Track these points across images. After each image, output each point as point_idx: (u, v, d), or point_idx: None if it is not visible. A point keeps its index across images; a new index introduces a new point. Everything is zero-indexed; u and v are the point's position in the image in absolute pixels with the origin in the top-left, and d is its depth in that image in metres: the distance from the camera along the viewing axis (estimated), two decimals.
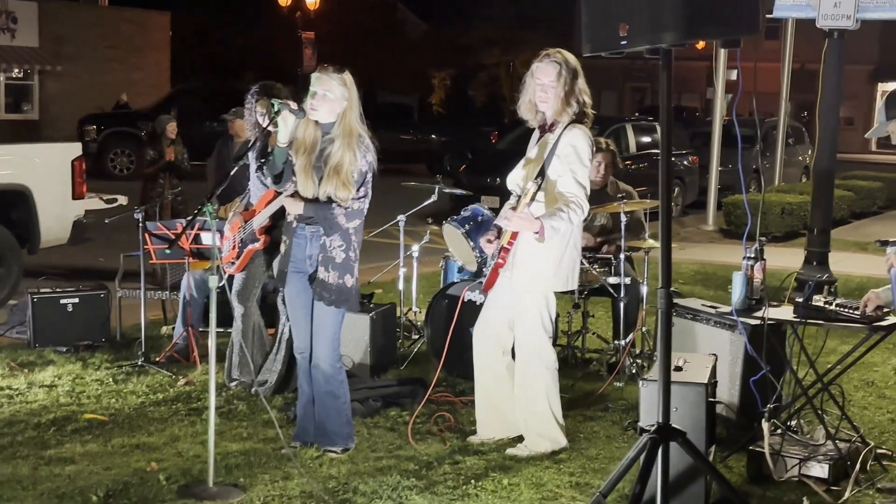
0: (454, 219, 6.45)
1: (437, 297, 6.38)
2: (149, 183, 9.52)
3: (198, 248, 6.43)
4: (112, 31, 27.66)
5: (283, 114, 4.52)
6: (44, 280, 7.22)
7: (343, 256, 4.65)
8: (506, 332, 4.95)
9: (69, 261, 9.84)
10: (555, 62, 4.73)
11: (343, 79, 4.62)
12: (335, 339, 4.74)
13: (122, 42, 27.79)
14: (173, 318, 7.36)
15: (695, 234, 13.49)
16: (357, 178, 4.59)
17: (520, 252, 4.71)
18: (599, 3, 3.31)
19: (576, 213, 4.59)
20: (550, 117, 4.80)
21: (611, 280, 6.17)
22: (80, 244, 9.16)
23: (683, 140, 17.42)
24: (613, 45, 3.24)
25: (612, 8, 3.25)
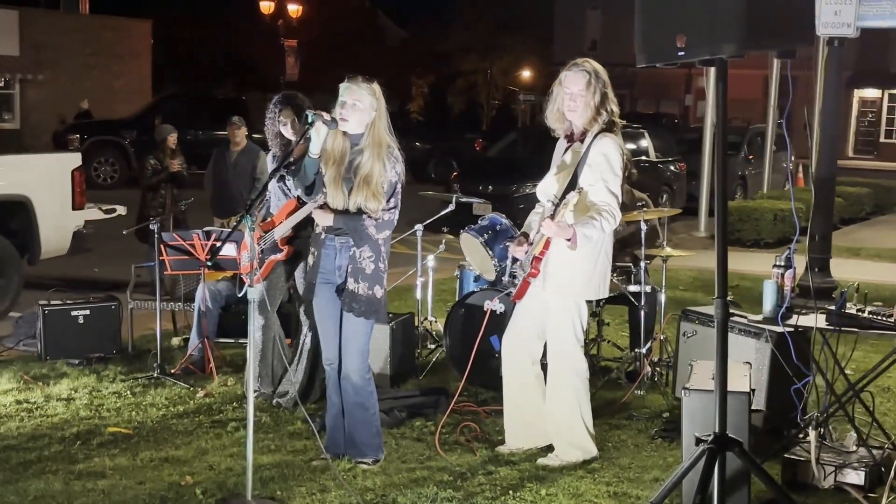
0: (472, 228, 6.47)
1: (456, 307, 6.37)
2: (149, 193, 9.43)
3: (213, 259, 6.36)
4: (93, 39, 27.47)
5: (316, 125, 4.49)
6: (54, 292, 7.12)
7: (373, 267, 4.63)
8: (535, 342, 4.95)
9: (64, 271, 9.73)
10: (584, 71, 4.73)
11: (372, 88, 4.62)
12: (365, 351, 4.73)
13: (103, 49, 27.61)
14: (183, 328, 7.33)
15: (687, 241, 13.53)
16: (387, 189, 4.58)
17: (552, 261, 4.71)
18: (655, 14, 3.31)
19: (608, 221, 4.59)
20: (579, 126, 4.80)
21: (631, 288, 6.17)
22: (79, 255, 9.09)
23: (671, 146, 17.53)
24: (670, 56, 3.25)
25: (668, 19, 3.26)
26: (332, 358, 4.78)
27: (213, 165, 9.57)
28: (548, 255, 4.70)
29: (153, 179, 9.27)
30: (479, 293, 6.30)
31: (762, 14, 3.11)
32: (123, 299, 7.03)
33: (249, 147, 9.49)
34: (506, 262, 6.27)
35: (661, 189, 16.23)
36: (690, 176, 17.28)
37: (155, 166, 9.31)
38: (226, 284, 6.80)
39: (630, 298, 6.22)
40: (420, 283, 6.97)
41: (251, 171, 9.30)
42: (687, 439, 4.07)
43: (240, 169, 9.32)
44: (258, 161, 9.37)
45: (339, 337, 4.72)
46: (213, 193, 9.45)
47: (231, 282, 6.77)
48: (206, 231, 6.40)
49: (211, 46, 33.73)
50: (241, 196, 9.24)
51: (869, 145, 40.32)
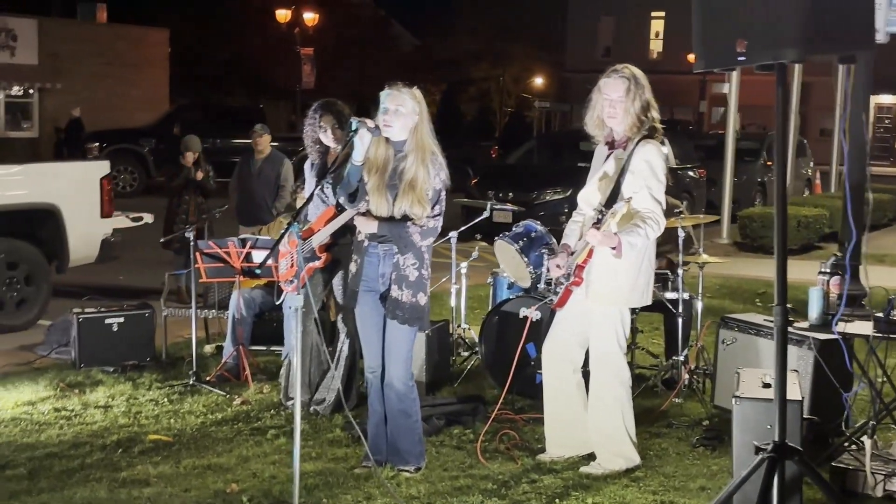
0: (507, 235, 6.45)
1: (491, 314, 6.36)
2: (174, 201, 9.44)
3: (248, 267, 6.38)
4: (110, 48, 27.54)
5: (360, 132, 4.49)
6: (87, 300, 7.14)
7: (416, 275, 4.62)
8: (577, 350, 4.92)
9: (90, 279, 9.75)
10: (623, 77, 4.70)
11: (413, 93, 4.63)
12: (408, 358, 4.72)
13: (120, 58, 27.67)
14: (215, 336, 7.33)
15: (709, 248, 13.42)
16: (432, 196, 4.58)
17: (595, 268, 4.68)
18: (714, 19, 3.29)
19: (652, 229, 4.57)
20: (620, 133, 4.78)
21: (668, 295, 6.14)
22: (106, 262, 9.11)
23: (688, 153, 17.47)
24: (730, 61, 3.23)
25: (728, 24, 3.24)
26: (374, 366, 4.77)
27: (238, 174, 9.58)
28: (591, 263, 4.67)
29: (175, 184, 9.28)
30: (513, 300, 6.28)
31: (824, 19, 3.08)
32: (157, 307, 7.03)
33: (273, 155, 9.50)
34: (541, 270, 6.28)
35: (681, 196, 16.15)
36: (709, 183, 17.25)
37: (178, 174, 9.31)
38: (260, 292, 6.79)
39: (667, 306, 6.17)
40: (454, 290, 6.96)
41: (275, 178, 9.31)
42: (738, 448, 4.04)
43: (264, 177, 9.33)
44: (282, 168, 9.38)
45: (382, 344, 4.71)
46: (238, 202, 9.46)
47: (265, 290, 6.77)
48: (241, 238, 6.40)
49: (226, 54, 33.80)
50: (265, 204, 9.25)
51: (885, 151, 40.19)
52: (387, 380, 4.72)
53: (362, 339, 4.86)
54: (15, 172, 8.43)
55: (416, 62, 41.58)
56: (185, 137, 9.61)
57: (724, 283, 10.62)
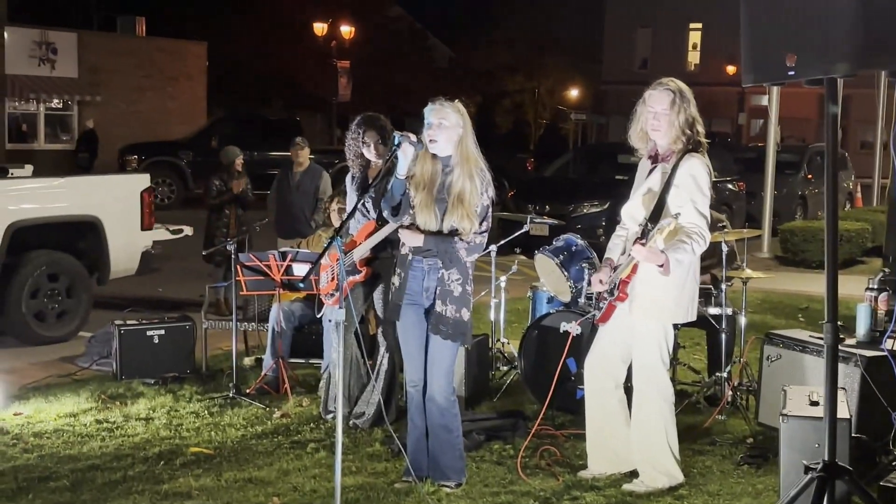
0: (547, 249, 6.44)
1: (530, 328, 6.35)
2: (213, 214, 9.52)
3: (288, 280, 6.42)
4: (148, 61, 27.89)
5: (403, 146, 4.52)
6: (128, 312, 7.21)
7: (461, 290, 4.64)
8: (619, 365, 4.90)
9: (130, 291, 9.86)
10: (668, 90, 4.69)
11: (456, 106, 4.66)
12: (450, 373, 4.73)
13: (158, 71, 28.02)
14: (255, 348, 7.38)
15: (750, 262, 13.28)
16: (480, 212, 4.60)
17: (639, 283, 4.66)
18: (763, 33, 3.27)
19: (698, 244, 4.54)
20: (664, 146, 4.75)
21: (711, 311, 6.10)
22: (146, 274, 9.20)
23: (728, 165, 17.35)
24: (780, 75, 3.20)
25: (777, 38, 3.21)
26: (416, 380, 4.78)
27: (277, 186, 9.66)
28: (635, 279, 4.65)
29: (217, 200, 9.36)
30: (554, 315, 6.27)
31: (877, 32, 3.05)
32: (197, 319, 7.09)
33: (312, 168, 9.57)
34: (581, 284, 6.26)
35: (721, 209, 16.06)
36: (749, 196, 17.11)
37: (220, 187, 9.39)
38: (300, 305, 6.83)
39: (710, 321, 6.13)
40: (493, 303, 6.95)
41: (314, 191, 9.37)
42: (786, 467, 3.99)
43: (303, 190, 9.40)
44: (321, 181, 9.45)
45: (424, 359, 4.73)
46: (277, 214, 9.54)
47: (305, 303, 6.80)
48: (282, 252, 6.44)
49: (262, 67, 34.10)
50: (304, 217, 9.32)
51: None
52: (428, 394, 4.73)
53: (404, 353, 4.87)
54: (57, 185, 8.57)
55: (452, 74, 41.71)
56: (224, 150, 9.71)
57: (766, 298, 10.51)
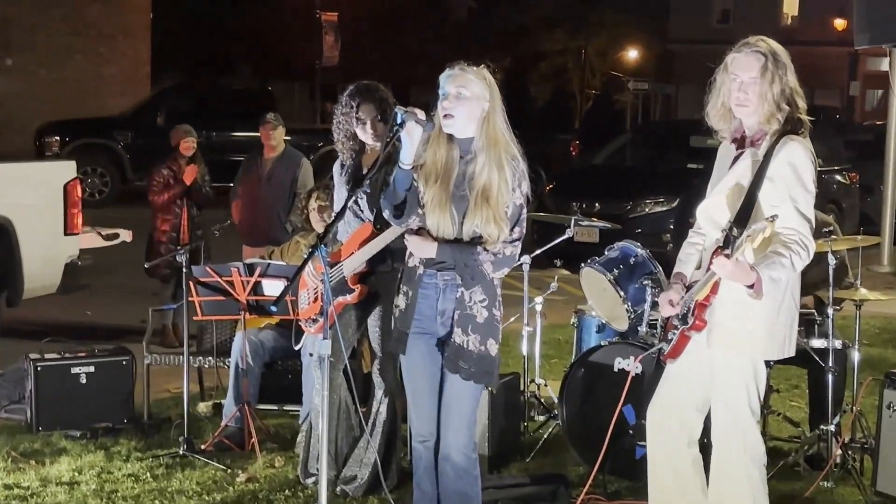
0: (597, 261, 6.46)
1: (575, 366, 6.35)
2: (159, 214, 9.51)
3: (257, 301, 6.42)
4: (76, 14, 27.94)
5: (407, 126, 4.50)
6: (48, 342, 7.22)
7: (486, 315, 4.62)
8: (693, 416, 4.86)
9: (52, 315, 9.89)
10: (758, 52, 4.66)
11: (482, 73, 4.65)
12: (472, 424, 4.72)
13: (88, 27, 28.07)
14: (213, 391, 7.40)
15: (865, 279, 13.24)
16: (511, 213, 4.58)
17: (722, 307, 4.62)
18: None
19: (799, 256, 4.50)
20: (752, 127, 4.73)
21: (814, 343, 6.07)
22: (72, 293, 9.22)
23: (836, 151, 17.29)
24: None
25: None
26: (425, 433, 4.77)
27: (243, 178, 9.67)
28: (715, 301, 4.61)
29: (164, 195, 9.33)
30: (605, 348, 6.27)
31: None
32: (137, 352, 7.10)
33: (287, 153, 9.57)
34: (642, 307, 6.26)
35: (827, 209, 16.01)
36: (863, 191, 17.04)
37: (167, 178, 9.38)
38: (271, 334, 6.84)
39: (812, 357, 6.10)
40: (526, 332, 6.94)
41: (290, 184, 9.37)
42: None
43: (276, 181, 9.40)
44: (299, 171, 9.45)
45: (437, 405, 4.72)
46: (243, 214, 9.55)
47: (279, 331, 6.80)
48: (248, 264, 6.44)
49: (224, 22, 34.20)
50: (277, 217, 9.33)
51: None
52: (443, 451, 4.72)
53: (410, 396, 4.86)
54: None
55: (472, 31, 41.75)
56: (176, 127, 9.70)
57: (886, 325, 10.47)
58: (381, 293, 5.60)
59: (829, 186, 16.44)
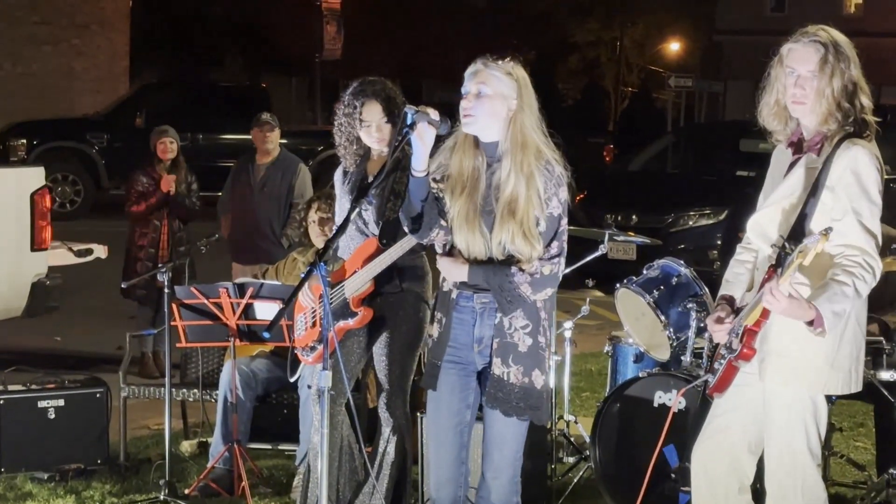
0: (634, 281, 6.48)
1: (610, 401, 6.35)
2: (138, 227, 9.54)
3: (248, 326, 6.42)
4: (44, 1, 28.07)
5: (418, 127, 4.51)
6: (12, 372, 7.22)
7: (530, 343, 4.66)
8: (745, 457, 4.86)
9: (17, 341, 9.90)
10: (817, 43, 4.66)
11: (509, 69, 4.68)
12: (515, 465, 4.78)
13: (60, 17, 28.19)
14: (198, 428, 7.40)
15: None
16: (546, 228, 4.60)
17: (776, 333, 4.62)
18: None
19: (864, 281, 4.47)
20: (811, 128, 4.73)
21: (882, 376, 6.06)
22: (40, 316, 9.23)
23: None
24: None
25: None
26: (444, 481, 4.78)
27: (233, 185, 9.70)
28: (767, 326, 4.61)
29: (142, 205, 9.36)
30: (644, 380, 6.28)
31: None
32: (113, 383, 7.10)
33: (283, 158, 9.60)
34: (686, 334, 6.25)
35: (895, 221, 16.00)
36: None
37: (146, 186, 9.41)
38: (264, 364, 6.85)
39: (881, 391, 6.09)
40: (554, 362, 6.92)
41: (286, 193, 9.39)
42: None
43: (270, 190, 9.43)
44: (296, 178, 9.48)
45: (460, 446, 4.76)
46: (233, 227, 9.57)
47: (273, 360, 6.80)
48: (238, 284, 6.45)
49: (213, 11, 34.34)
50: (271, 231, 9.35)
51: None
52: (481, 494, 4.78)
53: (433, 436, 4.90)
54: None
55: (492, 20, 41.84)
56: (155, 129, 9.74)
57: None
58: (388, 317, 5.61)
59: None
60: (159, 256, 9.23)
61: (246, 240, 9.47)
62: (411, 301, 5.56)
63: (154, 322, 8.81)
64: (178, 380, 7.33)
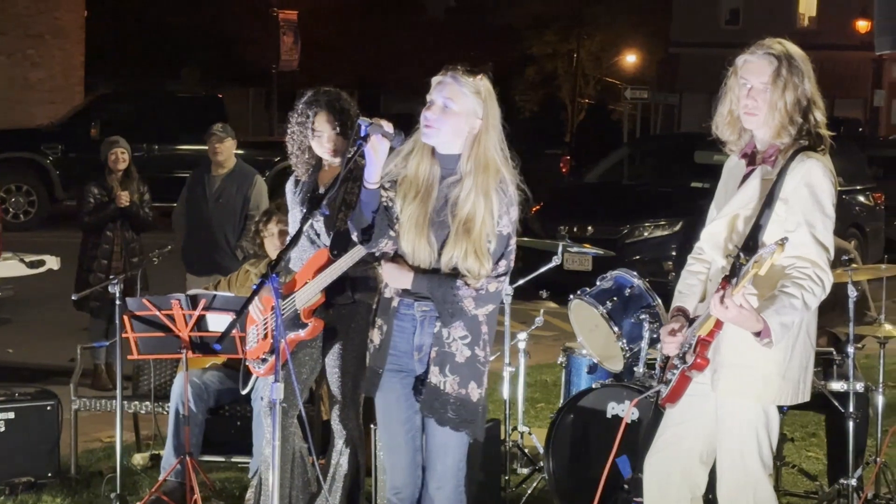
0: (587, 292, 6.48)
1: (563, 412, 6.36)
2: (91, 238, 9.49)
3: (201, 338, 6.38)
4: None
5: (372, 140, 4.50)
6: None
7: (468, 354, 4.65)
8: (697, 468, 4.87)
9: None
10: (771, 55, 4.68)
11: (477, 85, 4.67)
12: (458, 475, 4.77)
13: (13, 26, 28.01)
14: (150, 440, 7.36)
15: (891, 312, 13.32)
16: (496, 246, 4.60)
17: (728, 344, 4.63)
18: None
19: (813, 294, 4.49)
20: (764, 140, 4.75)
21: (833, 386, 6.09)
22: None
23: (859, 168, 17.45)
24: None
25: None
26: (400, 485, 4.80)
27: (188, 196, 9.64)
28: (720, 337, 4.62)
29: (95, 217, 9.32)
30: (597, 391, 6.29)
31: None
32: (64, 395, 7.04)
33: (239, 169, 9.55)
34: (639, 345, 6.26)
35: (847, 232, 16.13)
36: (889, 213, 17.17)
37: (99, 197, 9.36)
38: (216, 376, 6.82)
39: (831, 402, 6.12)
40: (508, 373, 6.93)
41: (242, 204, 9.34)
42: None
43: (225, 202, 9.38)
44: (252, 190, 9.43)
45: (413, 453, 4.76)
46: (188, 239, 9.52)
47: (225, 372, 6.79)
48: (191, 296, 6.41)
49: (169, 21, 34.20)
50: (226, 243, 9.30)
51: None
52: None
53: (385, 444, 4.91)
54: None
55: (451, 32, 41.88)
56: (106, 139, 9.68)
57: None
58: (340, 329, 5.61)
59: (851, 209, 16.58)
60: (112, 268, 9.17)
61: (201, 251, 9.40)
62: (363, 312, 5.52)
63: (107, 334, 8.76)
64: (131, 392, 7.29)
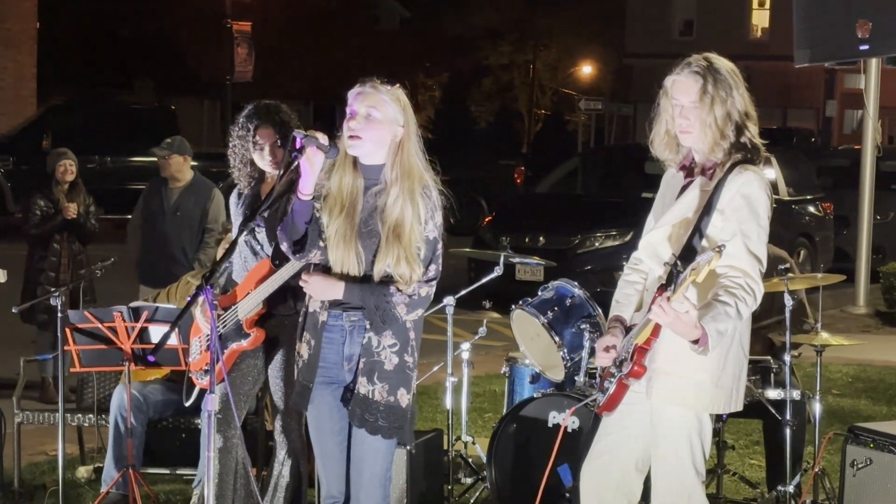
0: (529, 302, 6.51)
1: (505, 422, 6.38)
2: (37, 250, 9.45)
3: (143, 350, 6.38)
4: None
5: (307, 152, 4.54)
6: None
7: (396, 361, 4.68)
8: (633, 476, 4.91)
9: None
10: (695, 73, 4.72)
11: (396, 94, 4.72)
12: (385, 483, 4.76)
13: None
14: (94, 453, 7.33)
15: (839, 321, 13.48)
16: (425, 252, 4.65)
17: (664, 353, 4.67)
18: None
19: (745, 303, 4.54)
20: (701, 155, 4.79)
21: (769, 394, 6.15)
22: None
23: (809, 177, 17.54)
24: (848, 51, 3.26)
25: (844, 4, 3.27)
26: (335, 493, 4.81)
27: (144, 208, 9.59)
28: (656, 346, 4.66)
29: (40, 229, 9.29)
30: (538, 400, 6.32)
31: None
32: (7, 408, 7.02)
33: (197, 183, 9.49)
34: (580, 354, 6.30)
35: (797, 241, 16.24)
36: (839, 222, 17.28)
37: (45, 209, 9.33)
38: (159, 388, 6.80)
39: (768, 409, 6.18)
40: (451, 383, 6.95)
41: (200, 217, 9.28)
42: None
43: (183, 215, 9.32)
44: (210, 203, 9.34)
45: (346, 462, 4.76)
46: (143, 251, 9.48)
47: (167, 384, 6.77)
48: (133, 307, 6.41)
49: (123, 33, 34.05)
50: (184, 256, 9.26)
51: None
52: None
53: (319, 454, 4.90)
54: None
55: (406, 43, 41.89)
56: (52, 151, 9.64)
57: (859, 373, 10.59)
58: (282, 338, 5.62)
59: (801, 218, 16.65)
60: (60, 280, 9.12)
61: (157, 263, 9.33)
62: None
63: (54, 347, 8.70)
64: (75, 405, 7.26)
